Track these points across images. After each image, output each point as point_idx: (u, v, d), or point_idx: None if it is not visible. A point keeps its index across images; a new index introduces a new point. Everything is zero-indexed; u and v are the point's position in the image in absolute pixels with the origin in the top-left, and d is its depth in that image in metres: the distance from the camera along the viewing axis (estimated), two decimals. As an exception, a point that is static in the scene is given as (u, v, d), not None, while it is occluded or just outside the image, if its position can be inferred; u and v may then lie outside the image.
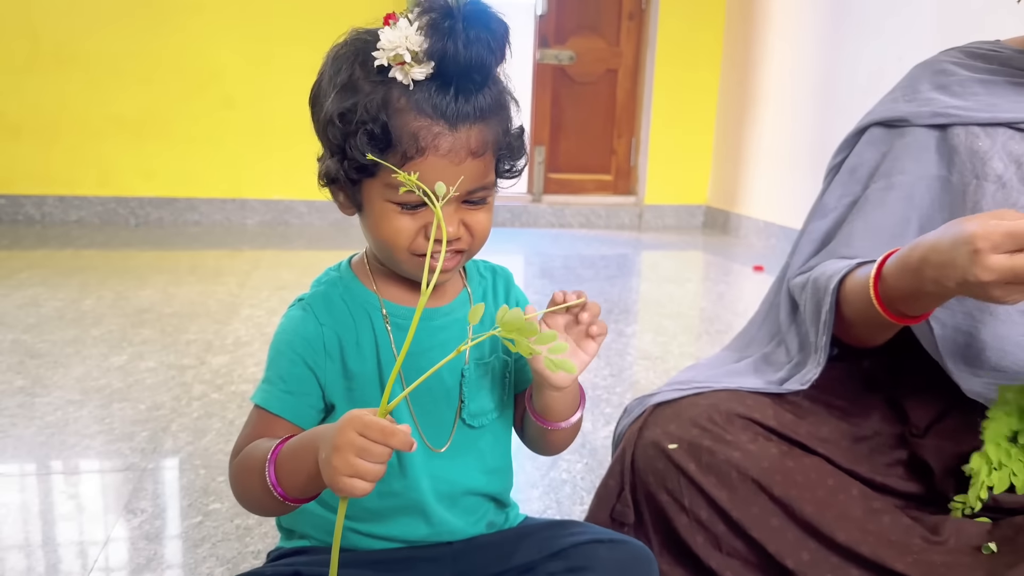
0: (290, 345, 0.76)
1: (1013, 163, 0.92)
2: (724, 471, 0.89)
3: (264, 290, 2.78)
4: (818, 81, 3.64)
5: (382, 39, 0.68)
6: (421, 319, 0.76)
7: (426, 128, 0.69)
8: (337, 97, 0.70)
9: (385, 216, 0.72)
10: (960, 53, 1.03)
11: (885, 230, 0.97)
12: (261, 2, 4.05)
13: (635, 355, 2.23)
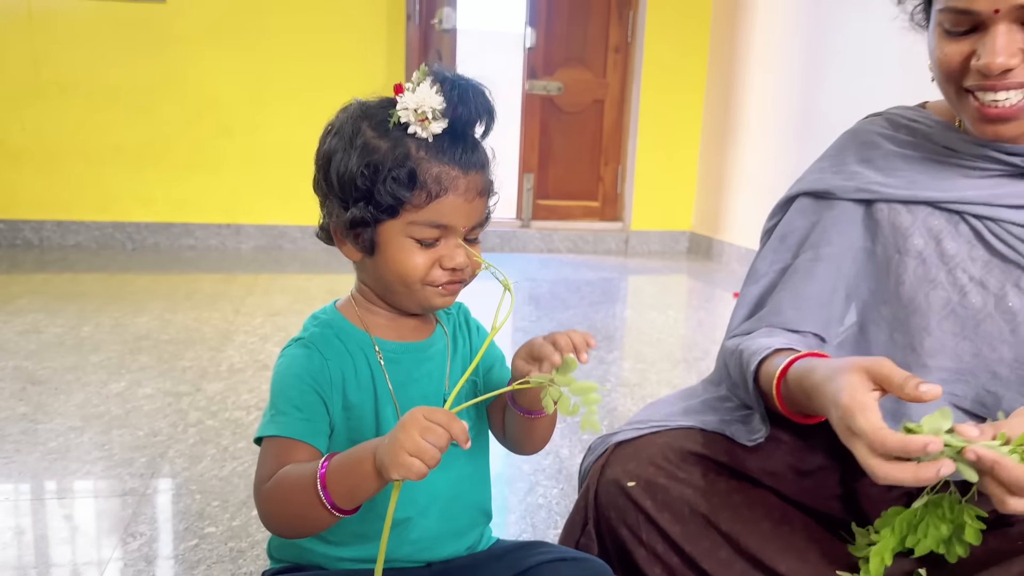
0: (300, 377, 0.84)
1: (932, 239, 0.97)
2: (678, 507, 0.95)
3: (258, 316, 2.87)
4: (797, 112, 3.76)
5: (405, 101, 0.81)
6: (409, 352, 0.90)
7: (446, 172, 0.81)
8: (358, 155, 0.82)
9: (404, 251, 0.83)
10: (885, 122, 1.07)
11: (813, 300, 1.02)
12: (258, 35, 4.17)
13: (615, 382, 2.32)
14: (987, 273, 0.95)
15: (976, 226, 0.95)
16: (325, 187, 0.86)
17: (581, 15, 4.70)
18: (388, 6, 4.27)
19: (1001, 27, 0.84)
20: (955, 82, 0.91)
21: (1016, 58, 0.84)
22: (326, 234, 0.89)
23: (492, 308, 0.81)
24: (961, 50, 0.88)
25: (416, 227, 0.82)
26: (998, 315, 0.93)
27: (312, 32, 4.21)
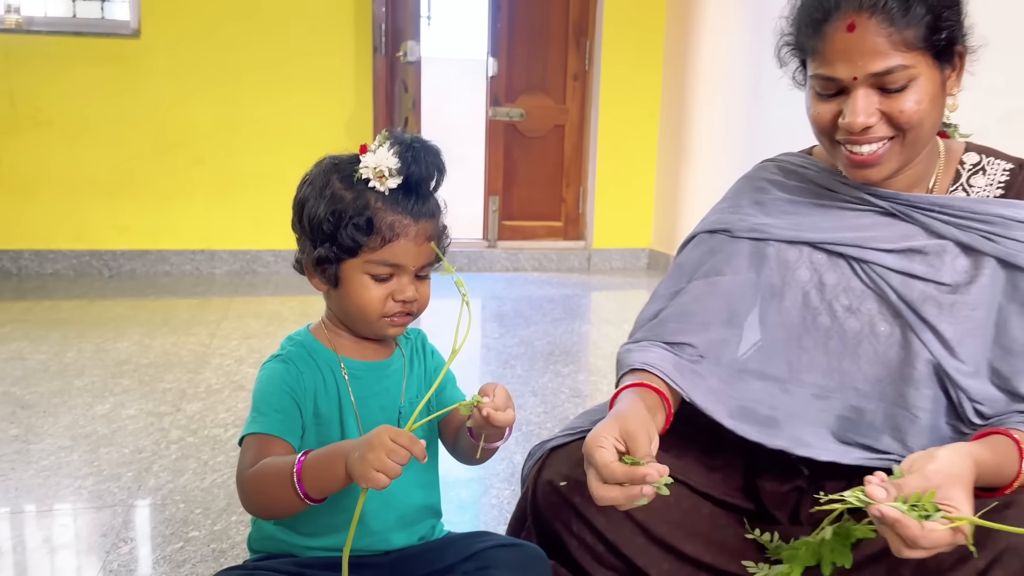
0: (279, 385, 1.00)
1: (815, 272, 1.12)
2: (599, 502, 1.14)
3: (233, 339, 3.02)
4: (744, 136, 3.99)
5: (367, 160, 0.98)
6: (370, 370, 1.07)
7: (399, 220, 0.99)
8: (326, 203, 0.99)
9: (363, 286, 1.00)
10: (776, 168, 1.23)
11: (696, 318, 1.16)
12: (230, 68, 4.32)
13: (568, 393, 2.50)
14: (861, 303, 1.09)
15: (852, 263, 1.11)
16: (299, 228, 1.04)
17: (540, 45, 4.92)
18: (356, 39, 4.45)
19: (860, 92, 1.00)
20: (828, 135, 1.08)
21: (874, 117, 1.01)
22: (300, 266, 1.06)
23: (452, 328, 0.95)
24: (830, 109, 1.05)
25: (372, 265, 1.00)
26: (868, 339, 1.08)
27: (282, 64, 4.38)
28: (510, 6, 4.83)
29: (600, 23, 4.86)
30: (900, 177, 1.10)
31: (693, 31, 4.57)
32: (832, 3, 1.00)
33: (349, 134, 4.51)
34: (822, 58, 1.02)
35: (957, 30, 1.02)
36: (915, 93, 1.00)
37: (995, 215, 1.05)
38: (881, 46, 0.97)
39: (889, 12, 0.96)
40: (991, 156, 1.14)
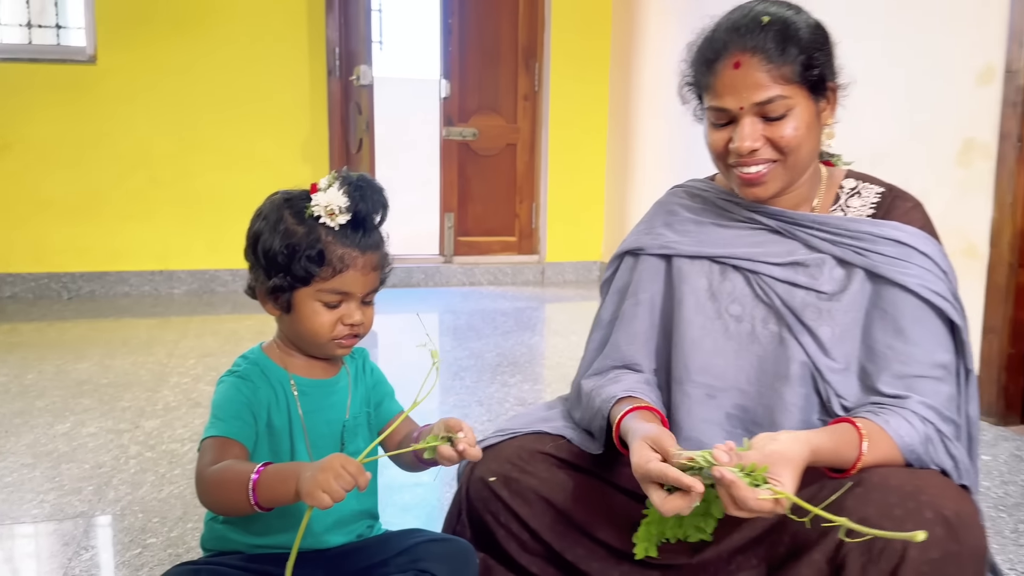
0: (237, 397, 1.09)
1: (712, 284, 1.27)
2: (526, 494, 1.23)
3: (191, 358, 3.11)
4: (686, 152, 4.19)
5: (318, 199, 1.08)
6: (318, 387, 1.17)
7: (348, 253, 1.09)
8: (280, 237, 1.08)
9: (315, 312, 1.10)
10: (684, 193, 1.39)
11: (639, 336, 1.31)
12: (186, 91, 4.42)
13: (512, 402, 2.64)
14: (750, 310, 1.24)
15: (744, 274, 1.25)
16: (252, 258, 1.13)
17: (491, 67, 5.09)
18: (310, 62, 4.57)
19: (747, 120, 1.15)
20: (722, 159, 1.23)
21: (759, 142, 1.16)
22: (253, 292, 1.16)
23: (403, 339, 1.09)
24: (723, 137, 1.20)
25: (323, 293, 1.10)
26: (755, 343, 1.23)
27: (238, 87, 4.48)
28: (461, 30, 4.99)
29: (548, 46, 5.04)
30: (786, 197, 1.25)
31: (636, 54, 4.77)
32: (721, 45, 1.16)
33: (305, 156, 4.63)
34: (714, 92, 1.17)
35: (828, 68, 1.18)
36: (793, 121, 1.15)
37: (864, 232, 1.20)
38: (763, 80, 1.13)
39: (768, 52, 1.12)
40: (866, 182, 1.29)
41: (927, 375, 1.14)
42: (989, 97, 2.37)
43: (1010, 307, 2.34)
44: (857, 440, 1.07)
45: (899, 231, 1.18)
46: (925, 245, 1.18)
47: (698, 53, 1.21)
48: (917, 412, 1.11)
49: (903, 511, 1.01)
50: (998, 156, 2.34)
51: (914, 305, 1.16)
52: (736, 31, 1.15)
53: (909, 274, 1.15)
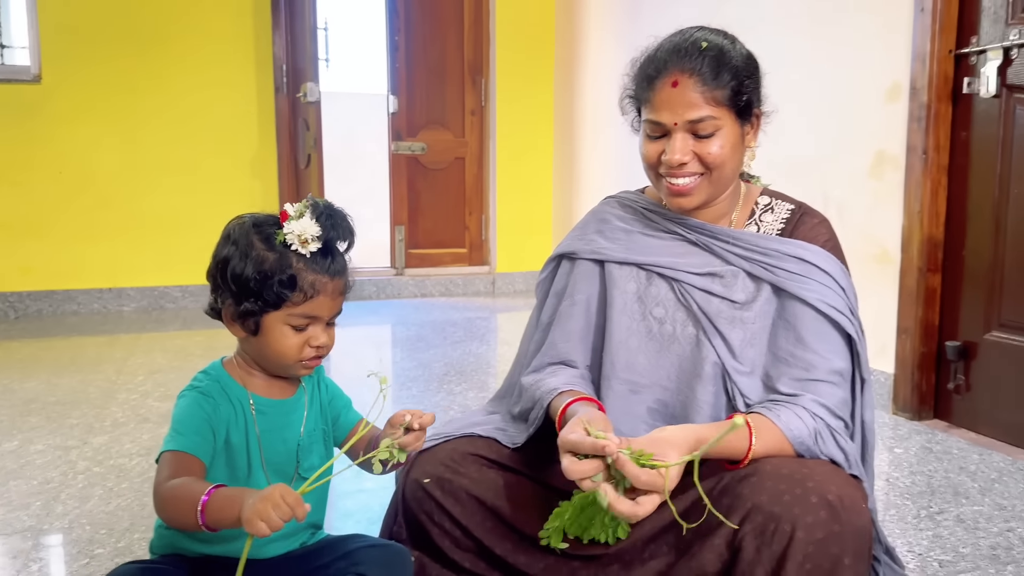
0: (198, 412, 1.11)
1: (639, 286, 1.38)
2: (458, 494, 1.30)
3: (140, 375, 3.14)
4: (628, 163, 4.32)
5: (291, 227, 1.11)
6: (276, 407, 1.21)
7: (318, 279, 1.13)
8: (252, 263, 1.11)
9: (283, 336, 1.13)
10: (616, 203, 1.49)
11: (575, 334, 1.41)
12: (132, 110, 4.44)
13: (457, 410, 2.72)
14: (672, 313, 1.35)
15: (668, 281, 1.36)
16: (220, 283, 1.14)
17: (438, 83, 5.19)
18: (257, 79, 4.62)
19: (679, 135, 1.26)
20: (654, 170, 1.34)
21: (688, 155, 1.27)
22: (216, 313, 1.17)
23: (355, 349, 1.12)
24: (657, 148, 1.30)
25: (293, 317, 1.13)
26: (675, 343, 1.33)
27: (185, 105, 4.51)
28: (407, 47, 5.08)
29: (493, 62, 5.16)
30: (708, 209, 1.36)
31: (579, 70, 4.91)
32: (662, 64, 1.27)
33: (254, 172, 4.67)
34: (652, 106, 1.28)
35: (755, 96, 1.31)
36: (720, 140, 1.26)
37: (772, 249, 1.31)
38: (696, 100, 1.24)
39: (703, 75, 1.24)
40: (779, 199, 1.42)
41: (823, 379, 1.26)
42: (897, 113, 2.53)
43: (921, 309, 2.49)
44: (747, 433, 1.17)
45: (804, 250, 1.30)
46: (826, 264, 1.30)
47: (640, 69, 1.32)
48: (808, 408, 1.22)
49: (791, 497, 1.12)
50: (906, 168, 2.51)
51: (813, 318, 1.27)
52: (676, 52, 1.25)
53: (809, 289, 1.27)
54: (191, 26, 4.49)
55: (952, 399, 2.48)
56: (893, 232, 2.57)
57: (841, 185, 2.76)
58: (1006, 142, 2.28)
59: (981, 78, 2.31)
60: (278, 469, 1.20)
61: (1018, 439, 2.28)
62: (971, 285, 2.42)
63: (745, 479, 1.16)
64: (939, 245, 2.48)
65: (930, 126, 2.42)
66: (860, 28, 2.68)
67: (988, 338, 2.36)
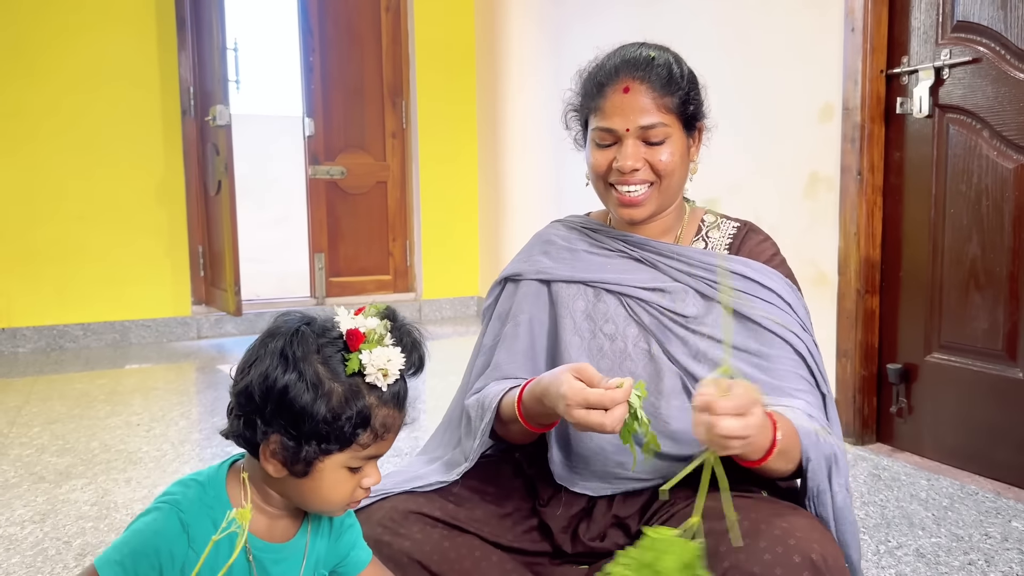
0: (156, 552, 0.87)
1: (588, 303, 1.33)
2: (398, 558, 1.18)
3: (35, 426, 2.85)
4: (554, 188, 4.24)
5: (372, 359, 0.89)
6: (270, 552, 0.96)
7: (391, 415, 0.91)
8: (322, 400, 0.87)
9: (339, 481, 0.91)
10: (560, 225, 1.45)
11: (520, 354, 1.35)
12: (25, 135, 4.12)
13: (390, 453, 2.55)
14: (623, 328, 1.30)
15: (617, 297, 1.31)
16: (268, 414, 0.88)
17: (357, 105, 5.02)
18: (163, 102, 4.36)
19: (630, 141, 1.25)
20: (603, 179, 1.29)
21: (640, 162, 1.25)
22: (240, 440, 0.92)
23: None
24: (607, 157, 1.27)
25: (355, 460, 0.91)
26: (629, 359, 1.27)
27: (84, 128, 4.22)
28: (323, 68, 4.90)
29: (414, 84, 5.02)
30: (655, 224, 1.34)
31: (501, 91, 4.82)
32: (613, 71, 1.26)
33: (160, 199, 4.40)
34: (603, 113, 1.26)
35: (699, 109, 1.31)
36: (669, 147, 1.26)
37: (715, 266, 1.28)
38: (648, 106, 1.24)
39: (654, 83, 1.24)
40: (723, 218, 1.40)
41: (796, 387, 1.23)
42: (830, 133, 2.51)
43: (860, 331, 2.46)
44: (770, 424, 1.06)
45: (747, 267, 1.29)
46: (770, 280, 1.28)
47: (589, 78, 1.31)
48: (802, 408, 1.19)
49: (772, 556, 1.04)
50: (841, 188, 2.48)
51: (765, 333, 1.25)
52: (627, 62, 1.26)
53: (754, 307, 1.25)
54: (88, 45, 4.20)
55: (895, 422, 2.45)
56: (829, 254, 2.54)
57: (774, 206, 2.72)
58: (940, 162, 2.27)
59: (913, 98, 2.31)
60: None
61: (963, 462, 2.26)
62: (910, 306, 2.40)
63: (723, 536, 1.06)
64: (876, 266, 2.46)
65: (864, 146, 2.40)
66: (791, 47, 2.66)
67: (929, 360, 2.34)
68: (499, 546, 1.26)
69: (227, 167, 4.16)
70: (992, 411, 2.18)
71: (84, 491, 2.23)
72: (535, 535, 1.33)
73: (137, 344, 4.39)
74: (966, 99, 2.19)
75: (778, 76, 2.71)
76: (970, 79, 2.18)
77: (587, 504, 1.29)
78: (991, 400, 2.18)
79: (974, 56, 2.16)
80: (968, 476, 2.22)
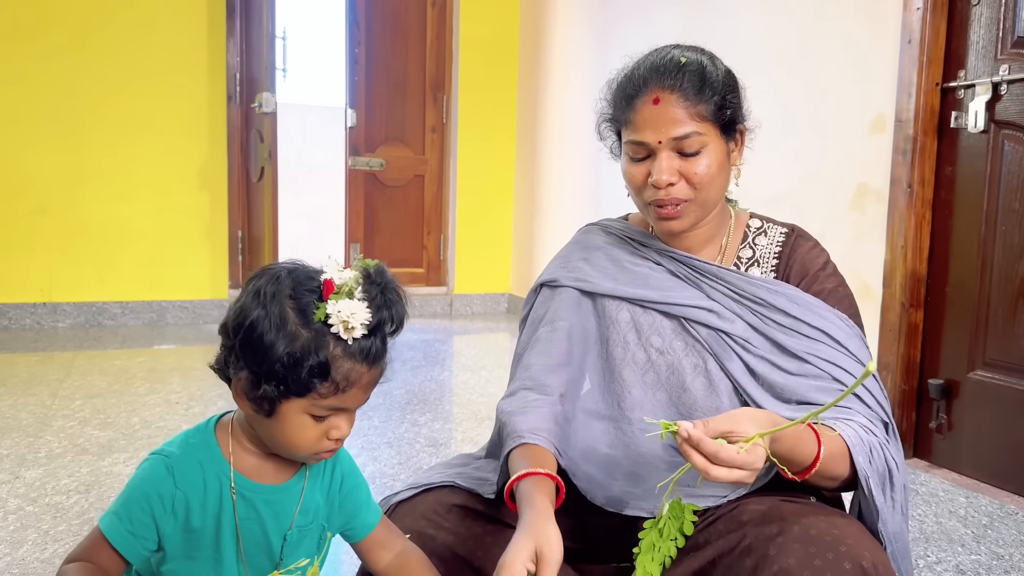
0: (146, 496, 0.93)
1: (633, 319, 1.29)
2: (441, 551, 1.17)
3: (77, 399, 2.91)
4: (591, 189, 4.25)
5: (336, 308, 0.89)
6: (264, 493, 0.99)
7: (355, 369, 0.91)
8: (284, 341, 0.89)
9: (301, 426, 0.93)
10: (599, 230, 1.42)
11: (553, 358, 1.30)
12: (75, 115, 4.20)
13: (423, 443, 2.58)
14: (670, 342, 1.27)
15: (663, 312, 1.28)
16: (239, 352, 0.92)
17: (399, 98, 5.06)
18: (209, 87, 4.42)
19: (664, 154, 1.19)
20: (639, 193, 1.25)
21: (675, 176, 1.20)
22: (224, 376, 0.96)
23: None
24: (642, 171, 1.23)
25: (316, 408, 0.92)
26: (677, 373, 1.25)
27: (130, 111, 4.29)
28: (367, 60, 4.94)
29: (456, 79, 5.05)
30: (696, 232, 1.29)
31: (543, 90, 4.83)
32: (641, 82, 1.21)
33: (202, 183, 4.46)
34: (633, 126, 1.22)
35: (738, 111, 1.24)
36: (706, 158, 1.20)
37: (760, 298, 1.24)
38: (680, 116, 1.18)
39: (685, 91, 1.18)
40: (770, 222, 1.36)
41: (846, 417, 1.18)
42: (881, 145, 2.50)
43: (902, 345, 2.45)
44: (813, 437, 1.07)
45: (793, 304, 1.23)
46: (819, 319, 1.22)
47: (618, 89, 1.26)
48: (860, 423, 1.15)
49: (822, 562, 1.03)
50: (890, 201, 2.47)
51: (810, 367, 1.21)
52: (655, 70, 1.20)
53: (801, 345, 1.21)
54: (139, 27, 4.27)
55: (933, 438, 2.43)
56: (875, 266, 2.53)
57: (820, 217, 2.71)
58: (993, 178, 2.25)
59: (968, 113, 2.29)
60: (257, 564, 1.02)
61: (1003, 482, 2.24)
62: (954, 322, 2.38)
63: (772, 539, 1.06)
64: (922, 280, 2.44)
65: (915, 159, 2.39)
66: (844, 57, 2.64)
67: (972, 377, 2.32)
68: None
69: (271, 154, 4.21)
70: (1035, 431, 2.16)
71: (127, 465, 2.27)
72: (575, 534, 1.32)
73: (174, 324, 4.46)
74: (1023, 116, 2.17)
75: (830, 85, 2.70)
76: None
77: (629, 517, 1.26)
78: (1035, 420, 2.16)
79: (1034, 73, 2.14)
80: (1007, 496, 2.20)
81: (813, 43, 2.77)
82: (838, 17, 2.66)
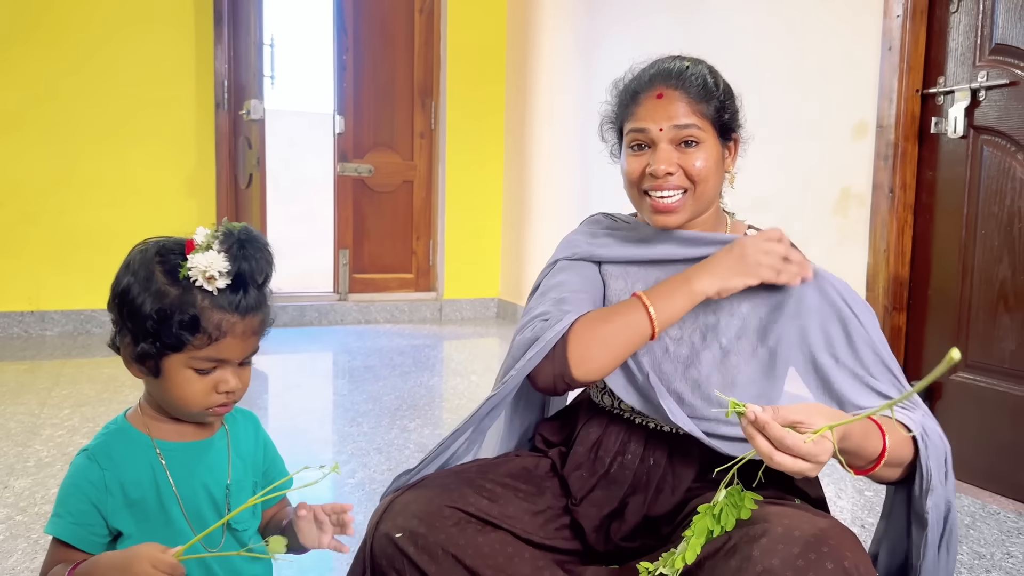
0: (77, 487, 0.98)
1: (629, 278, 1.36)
2: (433, 550, 1.20)
3: (65, 408, 2.91)
4: (579, 194, 4.27)
5: (195, 261, 0.96)
6: (189, 450, 1.07)
7: (226, 319, 0.98)
8: (151, 299, 0.96)
9: (186, 381, 0.99)
10: (603, 216, 1.49)
11: (579, 294, 1.34)
12: (62, 121, 4.19)
13: (413, 448, 2.59)
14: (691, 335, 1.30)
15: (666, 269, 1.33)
16: (117, 316, 1.00)
17: (387, 105, 5.07)
18: (197, 94, 4.42)
19: (663, 145, 1.25)
20: (637, 186, 1.30)
21: (673, 166, 1.25)
22: (117, 349, 1.03)
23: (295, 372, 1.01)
24: (641, 163, 1.28)
25: (196, 361, 0.98)
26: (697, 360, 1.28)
27: (119, 118, 4.29)
28: (356, 67, 4.95)
29: (444, 85, 5.07)
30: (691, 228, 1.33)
31: (530, 95, 4.86)
32: (647, 80, 1.28)
33: (191, 190, 4.46)
34: (636, 117, 1.28)
35: (734, 119, 1.31)
36: (703, 153, 1.26)
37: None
38: (682, 110, 1.25)
39: (688, 89, 1.25)
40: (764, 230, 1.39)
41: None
42: (863, 150, 2.53)
43: (886, 347, 2.48)
44: (877, 429, 1.08)
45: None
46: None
47: (624, 87, 1.33)
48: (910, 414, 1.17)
49: (805, 562, 1.05)
50: (872, 205, 2.50)
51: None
52: (662, 72, 1.28)
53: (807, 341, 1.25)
54: (126, 37, 4.27)
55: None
56: (858, 270, 2.56)
57: (803, 221, 2.74)
58: (973, 183, 2.28)
59: (948, 118, 2.32)
60: (203, 519, 1.06)
61: (984, 482, 2.27)
62: (936, 325, 2.41)
63: (756, 540, 1.08)
64: (905, 284, 2.47)
65: (897, 164, 2.42)
66: (827, 64, 2.68)
67: (954, 379, 2.36)
68: (531, 543, 1.28)
69: (259, 161, 4.22)
70: (1016, 432, 2.19)
71: (116, 473, 2.27)
72: (567, 533, 1.34)
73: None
74: (1001, 121, 2.21)
75: (813, 92, 2.73)
76: (1006, 102, 2.19)
77: (619, 504, 1.31)
78: (1015, 421, 2.19)
79: (1011, 79, 2.17)
80: (989, 496, 2.23)
81: (797, 51, 2.80)
82: (821, 25, 2.70)
